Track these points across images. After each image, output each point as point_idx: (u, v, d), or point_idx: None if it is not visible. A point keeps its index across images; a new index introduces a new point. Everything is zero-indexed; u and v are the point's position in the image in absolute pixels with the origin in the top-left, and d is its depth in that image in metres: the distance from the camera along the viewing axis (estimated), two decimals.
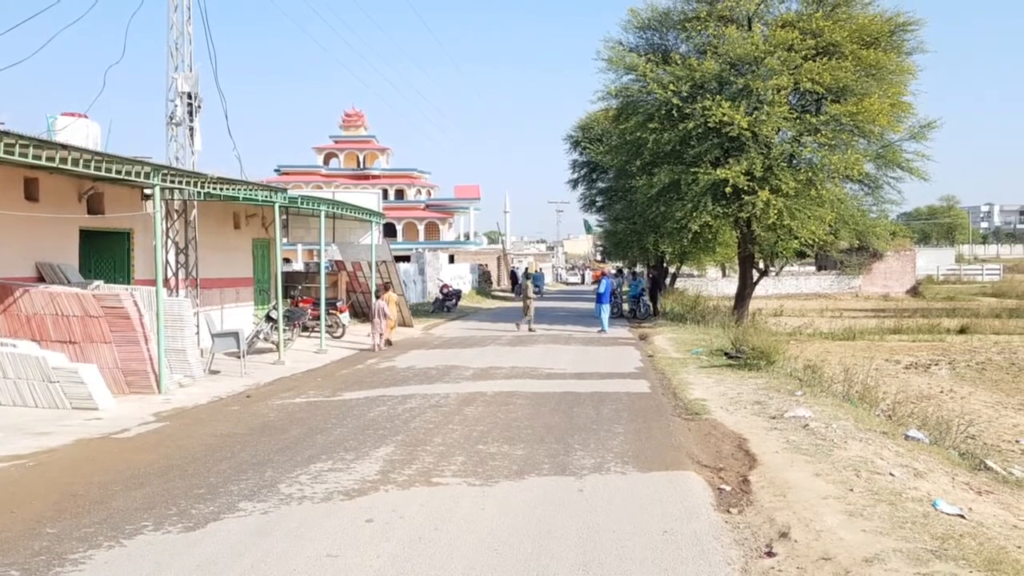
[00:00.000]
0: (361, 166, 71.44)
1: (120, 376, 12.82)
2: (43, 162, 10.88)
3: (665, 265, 46.18)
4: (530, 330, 25.02)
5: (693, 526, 6.38)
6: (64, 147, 11.33)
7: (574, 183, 49.53)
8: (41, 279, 14.15)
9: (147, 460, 8.68)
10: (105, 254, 16.66)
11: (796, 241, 24.87)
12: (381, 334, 20.48)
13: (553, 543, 5.98)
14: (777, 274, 39.84)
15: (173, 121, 18.16)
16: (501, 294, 54.34)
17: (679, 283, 49.89)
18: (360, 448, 9.09)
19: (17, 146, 10.11)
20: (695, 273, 57.80)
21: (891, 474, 7.67)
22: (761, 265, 30.19)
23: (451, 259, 59.50)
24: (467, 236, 73.97)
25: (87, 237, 15.74)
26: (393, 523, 6.45)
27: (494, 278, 63.12)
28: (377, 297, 21.22)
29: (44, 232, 14.11)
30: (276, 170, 67.62)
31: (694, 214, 23.85)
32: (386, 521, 6.49)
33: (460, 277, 46.08)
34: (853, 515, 6.39)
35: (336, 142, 71.76)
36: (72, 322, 12.90)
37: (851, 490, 7.07)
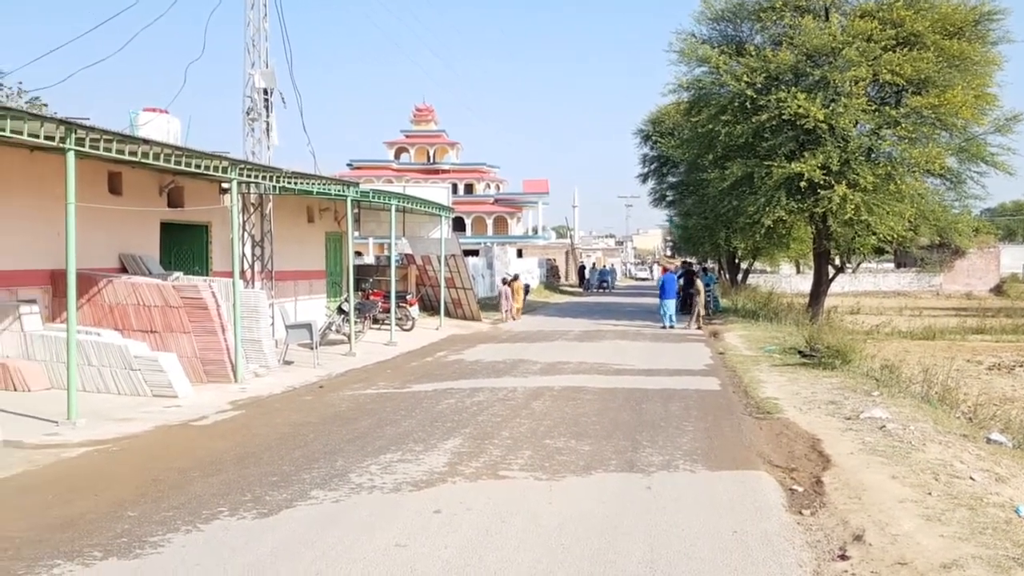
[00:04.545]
0: (431, 160, 72.01)
1: (198, 365, 13.20)
2: (126, 156, 11.25)
3: (737, 261, 45.49)
4: (699, 328, 24.19)
5: (764, 526, 6.27)
6: (146, 142, 11.71)
7: (644, 177, 49.11)
8: (124, 270, 14.65)
9: (224, 447, 8.93)
10: (184, 246, 17.16)
11: (874, 237, 24.24)
12: (507, 311, 27.40)
13: (620, 540, 5.94)
14: (854, 271, 38.81)
15: (250, 117, 18.59)
16: (569, 289, 54.25)
17: (751, 279, 49.03)
18: (428, 440, 9.19)
19: (102, 141, 10.48)
20: (768, 269, 56.78)
21: (971, 478, 7.41)
22: (837, 261, 29.51)
23: (519, 253, 59.55)
24: (535, 231, 73.94)
25: (167, 229, 16.24)
26: (461, 515, 6.50)
27: (562, 273, 63.03)
28: (504, 283, 28.28)
29: (127, 224, 14.59)
30: (348, 164, 68.63)
31: (767, 209, 23.45)
32: (454, 513, 6.55)
33: (528, 272, 46.09)
34: (931, 519, 6.20)
35: (407, 137, 72.44)
36: (153, 312, 13.32)
37: (929, 494, 6.86)
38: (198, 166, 12.69)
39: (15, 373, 11.89)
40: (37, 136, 9.57)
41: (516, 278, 29.67)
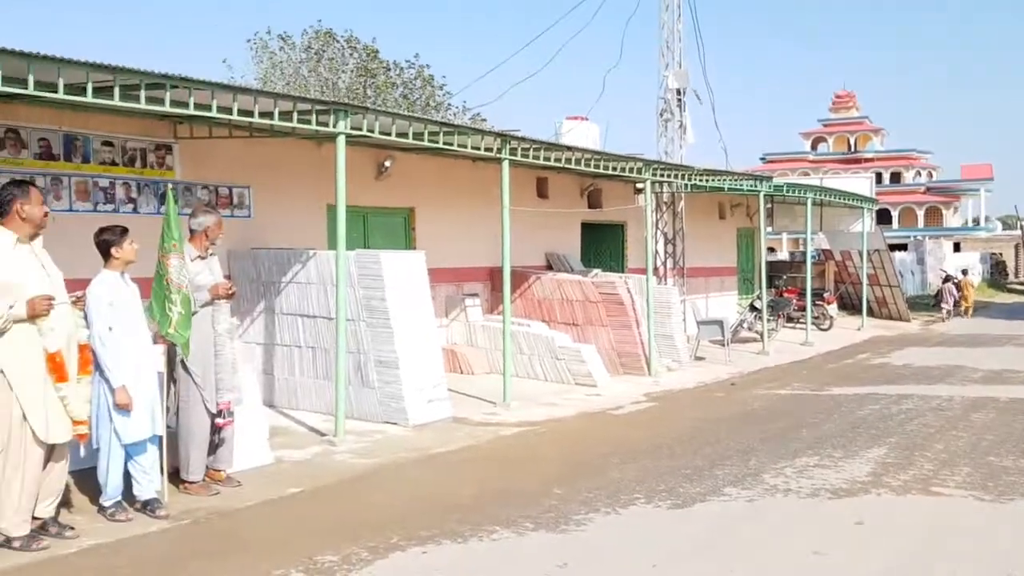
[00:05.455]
0: (852, 149, 67.73)
1: (614, 357, 13.85)
2: (551, 163, 12.21)
3: None
4: None
5: None
6: (568, 148, 12.58)
7: None
8: (549, 267, 15.91)
9: (638, 436, 9.26)
10: (603, 244, 18.13)
11: None
12: (948, 310, 26.34)
13: None
14: None
15: (663, 117, 19.08)
16: (1019, 287, 47.41)
17: None
18: (848, 447, 8.62)
19: (531, 150, 11.50)
20: None
21: None
22: None
23: (956, 247, 53.58)
24: (976, 221, 65.84)
25: (586, 229, 17.29)
26: (885, 529, 6.00)
27: (1010, 269, 55.35)
28: (945, 281, 27.95)
29: (552, 225, 15.76)
30: (761, 158, 67.24)
31: None
32: (878, 526, 6.06)
33: (968, 267, 41.27)
34: None
35: (824, 126, 69.03)
36: (575, 306, 14.27)
37: None
38: (614, 168, 13.32)
39: (461, 358, 13.52)
40: (478, 148, 10.80)
41: (965, 273, 29.86)
